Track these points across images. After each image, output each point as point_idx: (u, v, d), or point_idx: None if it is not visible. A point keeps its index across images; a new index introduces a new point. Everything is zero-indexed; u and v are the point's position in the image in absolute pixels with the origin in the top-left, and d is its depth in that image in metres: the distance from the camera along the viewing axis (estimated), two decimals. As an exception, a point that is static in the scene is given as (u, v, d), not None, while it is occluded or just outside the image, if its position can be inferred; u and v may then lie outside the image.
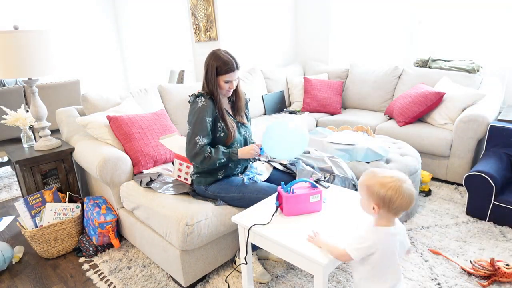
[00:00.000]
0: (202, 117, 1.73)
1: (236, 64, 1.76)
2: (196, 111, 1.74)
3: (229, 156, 1.77)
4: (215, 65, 1.74)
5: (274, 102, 3.74)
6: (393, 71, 3.50)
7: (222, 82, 1.77)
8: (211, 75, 1.76)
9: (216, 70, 1.74)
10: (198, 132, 1.72)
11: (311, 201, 1.53)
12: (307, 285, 1.79)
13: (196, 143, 1.71)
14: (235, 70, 1.76)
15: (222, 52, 1.77)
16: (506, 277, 1.70)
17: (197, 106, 1.75)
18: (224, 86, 1.78)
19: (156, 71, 5.28)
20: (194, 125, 1.73)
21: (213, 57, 1.76)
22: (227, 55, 1.76)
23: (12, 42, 2.01)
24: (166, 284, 1.86)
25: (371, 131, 2.66)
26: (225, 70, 1.74)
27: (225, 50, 1.78)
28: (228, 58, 1.74)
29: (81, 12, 5.20)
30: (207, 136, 1.73)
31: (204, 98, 1.76)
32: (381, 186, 1.14)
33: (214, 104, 1.78)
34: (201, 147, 1.71)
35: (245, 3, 3.83)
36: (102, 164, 2.01)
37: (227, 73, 1.75)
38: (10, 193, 3.22)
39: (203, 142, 1.71)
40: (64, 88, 3.37)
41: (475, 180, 2.24)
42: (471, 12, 3.20)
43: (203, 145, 1.71)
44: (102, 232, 2.10)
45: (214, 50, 1.79)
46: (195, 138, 1.71)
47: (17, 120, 2.42)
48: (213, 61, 1.75)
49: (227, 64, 1.73)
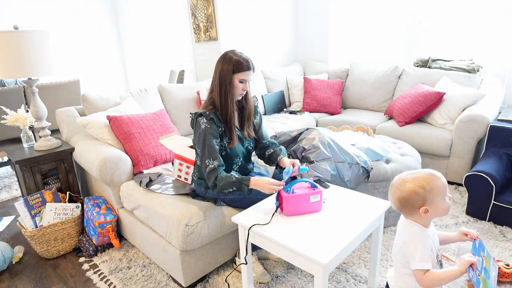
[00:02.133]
0: (209, 140, 1.68)
1: (252, 64, 1.73)
2: (201, 133, 1.69)
3: (239, 186, 1.64)
4: (231, 63, 1.69)
5: (274, 102, 3.74)
6: (393, 71, 3.50)
7: (237, 81, 1.71)
8: (226, 74, 1.70)
9: (232, 68, 1.70)
10: (207, 155, 1.67)
11: (311, 201, 1.52)
12: (307, 285, 1.79)
13: (207, 166, 1.67)
14: (250, 69, 1.72)
15: (237, 52, 1.73)
16: (506, 277, 1.70)
17: (200, 128, 1.70)
18: (238, 86, 1.73)
19: (156, 71, 5.28)
20: (202, 148, 1.69)
21: (228, 56, 1.71)
22: (243, 55, 1.73)
23: (12, 42, 2.01)
24: (166, 284, 1.86)
25: (371, 131, 2.66)
26: (241, 68, 1.69)
27: (239, 51, 1.75)
28: (243, 58, 1.71)
29: (81, 12, 5.20)
30: (217, 159, 1.68)
31: (205, 119, 1.70)
32: (416, 186, 1.12)
33: (215, 122, 1.72)
34: (212, 170, 1.66)
35: (245, 3, 3.83)
36: (102, 164, 2.01)
37: (243, 71, 1.70)
38: (10, 193, 3.22)
39: (213, 165, 1.66)
40: (64, 88, 3.37)
41: (475, 180, 2.24)
42: (471, 12, 3.20)
43: (213, 169, 1.66)
44: (102, 232, 2.10)
45: (227, 51, 1.74)
46: (205, 161, 1.67)
47: (17, 120, 2.42)
48: (229, 60, 1.70)
49: (243, 63, 1.70)
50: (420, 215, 1.15)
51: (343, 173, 1.99)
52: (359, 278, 1.82)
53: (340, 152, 2.03)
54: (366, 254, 2.00)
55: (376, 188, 2.17)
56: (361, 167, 2.04)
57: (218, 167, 1.67)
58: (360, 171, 2.05)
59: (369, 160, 2.11)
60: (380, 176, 2.13)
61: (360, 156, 2.07)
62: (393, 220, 2.25)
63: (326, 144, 2.02)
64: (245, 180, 1.62)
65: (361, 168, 2.04)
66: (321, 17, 4.20)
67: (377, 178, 2.14)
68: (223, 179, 1.63)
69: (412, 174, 1.16)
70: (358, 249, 2.05)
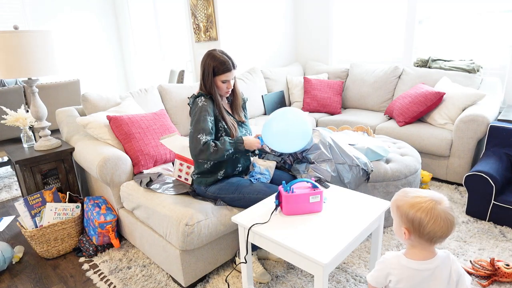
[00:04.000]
0: (203, 116, 1.73)
1: (233, 64, 1.77)
2: (197, 110, 1.75)
3: (235, 146, 1.75)
4: (212, 65, 1.75)
5: (274, 102, 3.74)
6: (393, 71, 3.50)
7: (220, 82, 1.78)
8: (207, 76, 1.77)
9: (213, 70, 1.75)
10: (200, 130, 1.71)
11: (311, 201, 1.53)
12: (307, 285, 1.79)
13: (199, 140, 1.69)
14: (231, 70, 1.77)
15: (218, 52, 1.77)
16: (506, 277, 1.70)
17: (197, 106, 1.75)
18: (221, 86, 1.79)
19: (156, 71, 5.28)
20: (195, 124, 1.73)
21: (209, 57, 1.76)
22: (223, 55, 1.77)
23: (12, 42, 2.01)
24: (166, 284, 1.86)
25: (371, 131, 2.66)
26: (222, 70, 1.75)
27: (220, 50, 1.79)
28: (224, 58, 1.75)
29: (81, 12, 5.20)
30: (210, 134, 1.72)
31: (204, 97, 1.77)
32: (411, 207, 1.00)
33: (213, 104, 1.79)
34: (204, 143, 1.69)
35: (245, 3, 3.83)
36: (102, 164, 2.01)
37: (224, 73, 1.76)
38: (10, 193, 3.22)
39: (206, 139, 1.70)
40: (64, 88, 3.37)
41: (475, 180, 2.24)
42: (471, 12, 3.20)
43: (206, 141, 1.70)
44: (102, 232, 2.10)
45: (209, 51, 1.79)
46: (197, 135, 1.70)
47: (17, 120, 2.42)
48: (210, 62, 1.75)
49: (224, 64, 1.74)
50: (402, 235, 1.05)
51: (343, 175, 1.99)
52: (359, 278, 1.82)
53: (340, 154, 2.03)
54: (366, 254, 2.00)
55: (376, 188, 2.17)
56: (361, 169, 2.04)
57: (211, 141, 1.73)
58: (360, 173, 2.05)
59: (369, 162, 2.11)
60: (380, 176, 2.13)
61: (360, 158, 2.07)
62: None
63: (327, 145, 2.02)
64: (239, 140, 1.77)
65: (361, 170, 2.04)
66: (321, 17, 4.20)
67: (377, 178, 2.14)
68: (221, 144, 1.72)
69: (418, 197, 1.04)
70: (358, 249, 2.05)
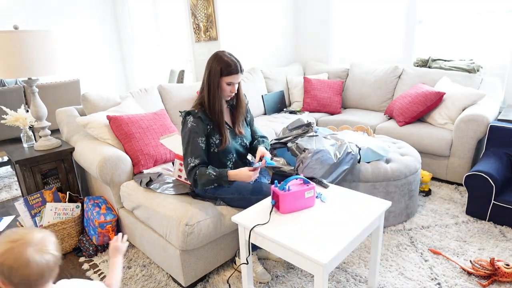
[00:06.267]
0: (193, 138, 1.73)
1: (240, 67, 1.76)
2: (186, 131, 1.75)
3: (219, 183, 1.69)
4: (219, 66, 1.73)
5: (274, 102, 3.74)
6: (393, 71, 3.51)
7: (225, 83, 1.75)
8: (214, 76, 1.74)
9: (220, 70, 1.74)
10: (189, 153, 1.72)
11: (306, 197, 1.56)
12: (307, 285, 1.79)
13: (188, 164, 1.72)
14: (238, 72, 1.75)
15: (227, 54, 1.76)
16: (506, 277, 1.70)
17: (187, 126, 1.75)
18: (226, 88, 1.77)
19: (156, 71, 5.28)
20: (185, 146, 1.74)
21: (217, 58, 1.74)
22: (232, 57, 1.76)
23: (12, 42, 2.01)
24: (166, 284, 1.86)
25: (371, 131, 2.66)
26: (228, 71, 1.73)
27: (229, 52, 1.78)
28: (232, 60, 1.74)
29: (81, 12, 5.20)
30: (199, 157, 1.73)
31: (193, 117, 1.74)
32: None
33: (203, 121, 1.75)
34: (192, 168, 1.71)
35: (245, 3, 3.83)
36: (102, 164, 2.01)
37: (230, 74, 1.73)
38: (10, 193, 3.22)
39: (193, 164, 1.71)
40: (64, 88, 3.37)
41: (475, 180, 2.24)
42: (471, 12, 3.20)
43: (193, 167, 1.71)
44: (102, 232, 2.10)
45: (217, 52, 1.77)
46: (187, 159, 1.73)
47: (17, 120, 2.42)
48: (217, 62, 1.73)
49: (231, 66, 1.73)
50: None
51: (327, 161, 2.03)
52: (359, 278, 1.82)
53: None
54: (366, 254, 2.00)
55: (376, 188, 2.17)
56: (347, 152, 2.09)
57: (198, 165, 1.72)
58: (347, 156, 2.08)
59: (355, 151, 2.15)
60: (380, 176, 2.14)
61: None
62: (393, 220, 2.25)
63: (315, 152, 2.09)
64: (223, 176, 1.67)
65: (347, 153, 2.09)
66: (321, 17, 4.20)
67: (377, 178, 2.14)
68: (202, 177, 1.68)
69: None
70: (358, 249, 2.05)
